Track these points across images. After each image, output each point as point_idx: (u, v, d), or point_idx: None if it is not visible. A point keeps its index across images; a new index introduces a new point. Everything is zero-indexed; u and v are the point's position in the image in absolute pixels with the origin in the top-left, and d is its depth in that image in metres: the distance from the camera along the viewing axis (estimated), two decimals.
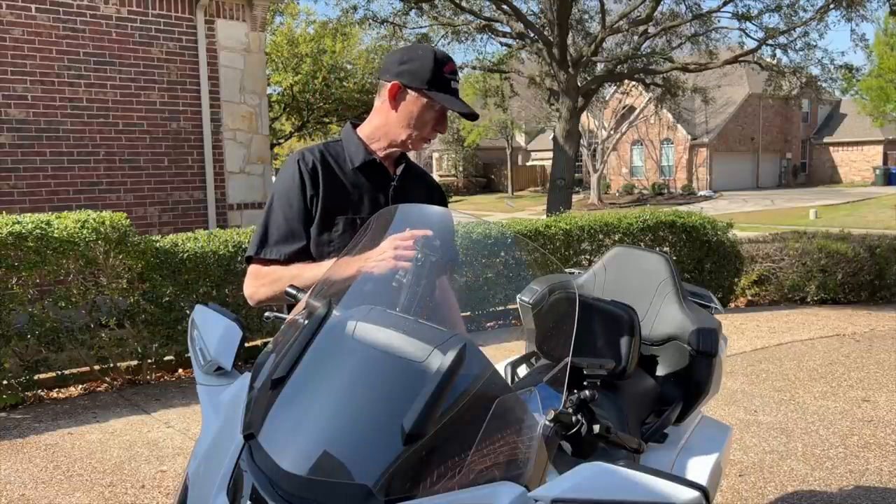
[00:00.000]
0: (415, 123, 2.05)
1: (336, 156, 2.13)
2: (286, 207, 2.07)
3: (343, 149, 2.14)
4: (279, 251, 2.05)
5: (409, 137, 2.07)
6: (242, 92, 8.93)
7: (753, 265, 9.35)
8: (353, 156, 2.11)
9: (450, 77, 2.03)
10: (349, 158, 2.12)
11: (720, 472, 2.42)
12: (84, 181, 7.89)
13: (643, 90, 25.89)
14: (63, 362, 5.60)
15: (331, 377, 1.43)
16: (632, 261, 2.90)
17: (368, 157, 2.11)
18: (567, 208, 14.25)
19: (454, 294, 2.05)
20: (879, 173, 39.82)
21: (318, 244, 2.07)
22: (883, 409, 5.15)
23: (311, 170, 2.07)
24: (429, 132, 2.08)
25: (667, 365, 2.66)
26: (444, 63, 2.03)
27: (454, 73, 2.05)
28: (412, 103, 2.04)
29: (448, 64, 2.04)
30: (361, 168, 2.11)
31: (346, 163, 2.11)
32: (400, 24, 17.77)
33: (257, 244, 2.07)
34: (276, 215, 2.08)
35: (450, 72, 2.03)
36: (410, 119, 2.05)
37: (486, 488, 1.30)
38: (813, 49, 18.07)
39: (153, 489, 3.96)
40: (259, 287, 2.07)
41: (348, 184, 2.09)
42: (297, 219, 2.06)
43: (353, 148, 2.13)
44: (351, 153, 2.12)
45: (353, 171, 2.11)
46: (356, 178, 2.10)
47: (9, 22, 7.39)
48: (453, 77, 2.04)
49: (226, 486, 1.36)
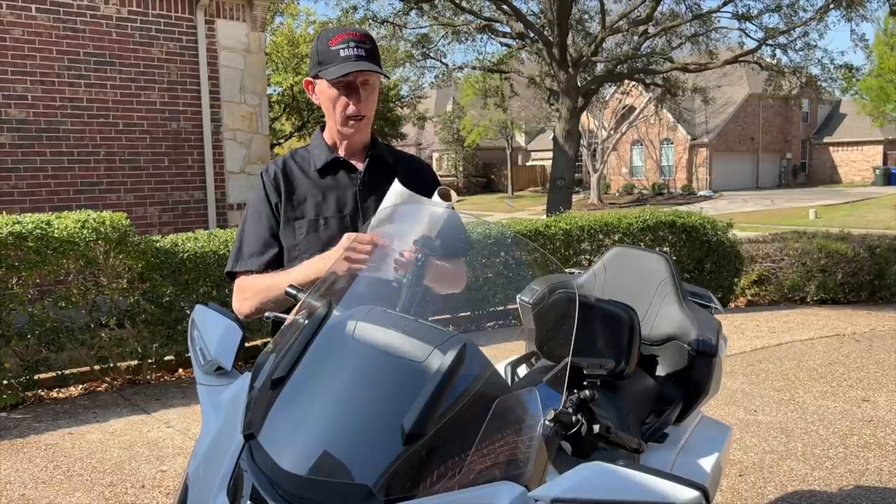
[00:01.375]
0: (331, 108, 2.04)
1: (302, 161, 2.15)
2: (255, 220, 2.11)
3: (309, 153, 2.16)
4: (252, 263, 2.08)
5: (337, 123, 2.06)
6: (242, 92, 8.93)
7: (753, 265, 9.35)
8: (317, 158, 2.13)
9: (338, 48, 1.95)
10: (313, 161, 2.13)
11: (720, 472, 2.42)
12: (84, 181, 7.89)
13: (643, 90, 25.89)
14: (63, 362, 5.60)
15: (331, 377, 1.44)
16: (632, 261, 2.90)
17: (331, 157, 2.12)
18: (567, 208, 14.25)
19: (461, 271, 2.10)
20: (879, 173, 39.81)
21: (287, 250, 2.09)
22: (883, 409, 5.15)
23: (273, 179, 2.11)
24: (343, 110, 2.02)
25: (667, 365, 2.66)
26: (331, 37, 1.98)
27: (345, 41, 1.95)
28: (320, 92, 2.04)
29: (337, 36, 1.97)
30: (325, 169, 2.11)
31: (311, 166, 2.13)
32: (400, 24, 17.77)
33: (233, 259, 2.11)
34: (248, 229, 2.12)
35: (338, 42, 1.96)
36: (327, 106, 2.05)
37: (486, 488, 1.30)
38: (813, 49, 18.08)
39: (153, 489, 3.96)
40: (243, 301, 2.08)
41: (313, 186, 2.10)
42: (267, 229, 2.09)
43: (317, 150, 2.14)
44: (315, 156, 2.14)
45: (316, 172, 2.11)
46: (321, 179, 2.11)
47: (9, 22, 7.38)
48: (343, 46, 1.95)
49: (226, 486, 1.36)
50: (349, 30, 2.00)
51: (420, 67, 19.80)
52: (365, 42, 1.97)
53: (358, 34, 1.98)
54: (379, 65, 1.98)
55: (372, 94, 2.04)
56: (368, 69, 1.94)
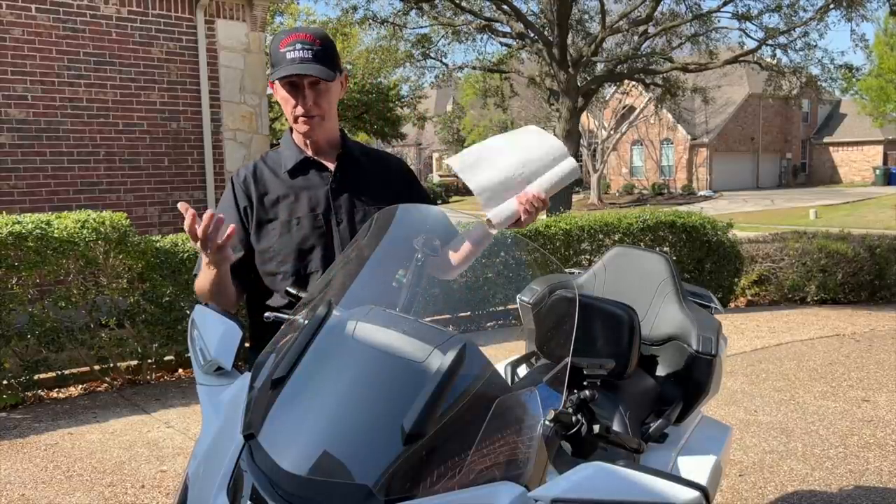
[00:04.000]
0: (286, 108, 2.05)
1: (272, 163, 2.14)
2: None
3: (279, 155, 2.15)
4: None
5: (290, 122, 2.07)
6: (242, 92, 8.93)
7: (753, 265, 9.35)
8: (287, 159, 2.12)
9: (286, 50, 1.95)
10: (283, 163, 2.12)
11: (720, 472, 2.42)
12: (84, 181, 7.89)
13: (643, 90, 25.90)
14: (63, 362, 5.60)
15: (331, 377, 1.43)
16: (632, 261, 2.90)
17: (300, 157, 2.11)
18: (567, 208, 14.26)
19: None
20: (879, 173, 39.82)
21: (259, 253, 2.08)
22: (883, 409, 5.15)
23: (243, 183, 2.10)
24: (292, 110, 2.02)
25: (667, 365, 2.65)
26: (281, 40, 1.98)
27: (293, 43, 1.95)
28: (276, 92, 2.04)
29: (286, 38, 1.97)
30: (296, 170, 2.10)
31: (281, 168, 2.12)
32: (400, 24, 17.79)
33: (198, 265, 2.08)
34: None
35: (286, 45, 1.96)
36: (283, 106, 2.06)
37: (486, 488, 1.30)
38: (813, 49, 18.11)
39: (153, 489, 3.96)
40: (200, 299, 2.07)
41: (284, 188, 2.09)
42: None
43: (287, 151, 2.13)
44: (285, 157, 2.13)
45: (287, 174, 2.11)
46: (292, 180, 2.10)
47: (9, 22, 7.38)
48: (291, 48, 1.95)
49: (226, 486, 1.36)
50: (300, 30, 1.99)
51: (420, 67, 19.82)
52: (313, 43, 1.96)
53: (307, 35, 1.97)
54: (329, 65, 1.96)
55: (323, 94, 2.01)
56: (304, 73, 1.93)
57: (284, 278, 2.05)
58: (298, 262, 2.05)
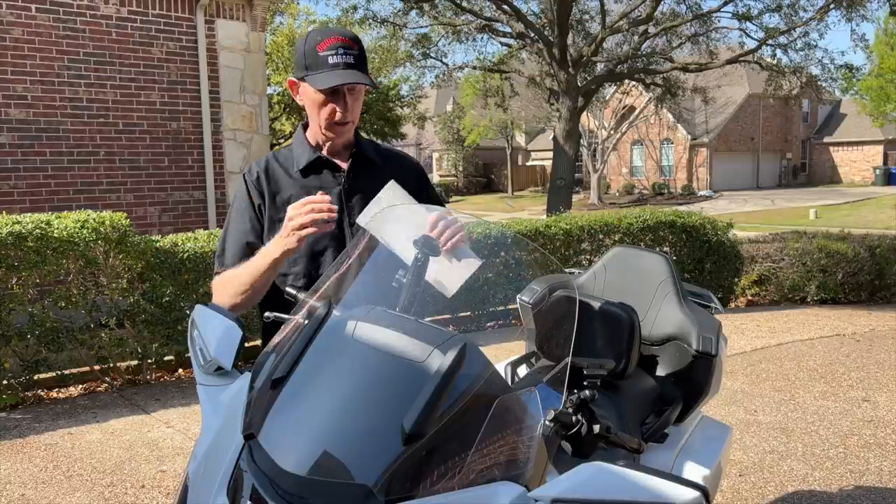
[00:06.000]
0: (315, 111, 2.00)
1: (284, 161, 2.11)
2: (238, 222, 2.07)
3: (291, 153, 2.12)
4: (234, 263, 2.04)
5: (322, 127, 2.03)
6: (242, 92, 8.93)
7: (753, 265, 9.35)
8: (299, 158, 2.09)
9: (327, 53, 1.90)
10: (296, 161, 2.09)
11: (720, 472, 2.42)
12: (84, 181, 7.89)
13: (643, 90, 25.89)
14: (63, 362, 5.60)
15: (331, 377, 1.43)
16: (632, 261, 2.90)
17: (314, 156, 2.08)
18: (567, 208, 14.26)
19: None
20: (879, 173, 39.81)
21: None
22: (883, 409, 5.15)
23: (255, 180, 2.07)
24: (329, 116, 1.98)
25: (667, 365, 2.65)
26: (319, 42, 1.92)
27: (335, 46, 1.90)
28: (304, 93, 2.00)
29: (325, 41, 1.91)
30: (308, 168, 2.07)
31: (293, 166, 2.09)
32: (400, 24, 17.79)
33: (217, 262, 2.08)
34: (230, 230, 2.08)
35: (327, 47, 1.90)
36: (311, 109, 2.02)
37: (486, 488, 1.30)
38: (813, 49, 18.11)
39: (153, 489, 3.96)
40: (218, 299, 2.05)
41: (296, 187, 2.06)
42: (250, 230, 2.05)
43: (300, 150, 2.10)
44: (297, 155, 2.09)
45: (299, 173, 2.07)
46: (304, 179, 2.07)
47: (9, 22, 7.38)
48: (332, 52, 1.90)
49: (226, 486, 1.36)
50: (337, 32, 1.95)
51: (420, 67, 19.82)
52: (353, 47, 1.93)
53: (347, 39, 1.93)
54: (366, 70, 1.94)
55: (357, 99, 2.00)
56: (356, 82, 1.90)
57: (296, 279, 2.03)
58: (310, 263, 2.03)
